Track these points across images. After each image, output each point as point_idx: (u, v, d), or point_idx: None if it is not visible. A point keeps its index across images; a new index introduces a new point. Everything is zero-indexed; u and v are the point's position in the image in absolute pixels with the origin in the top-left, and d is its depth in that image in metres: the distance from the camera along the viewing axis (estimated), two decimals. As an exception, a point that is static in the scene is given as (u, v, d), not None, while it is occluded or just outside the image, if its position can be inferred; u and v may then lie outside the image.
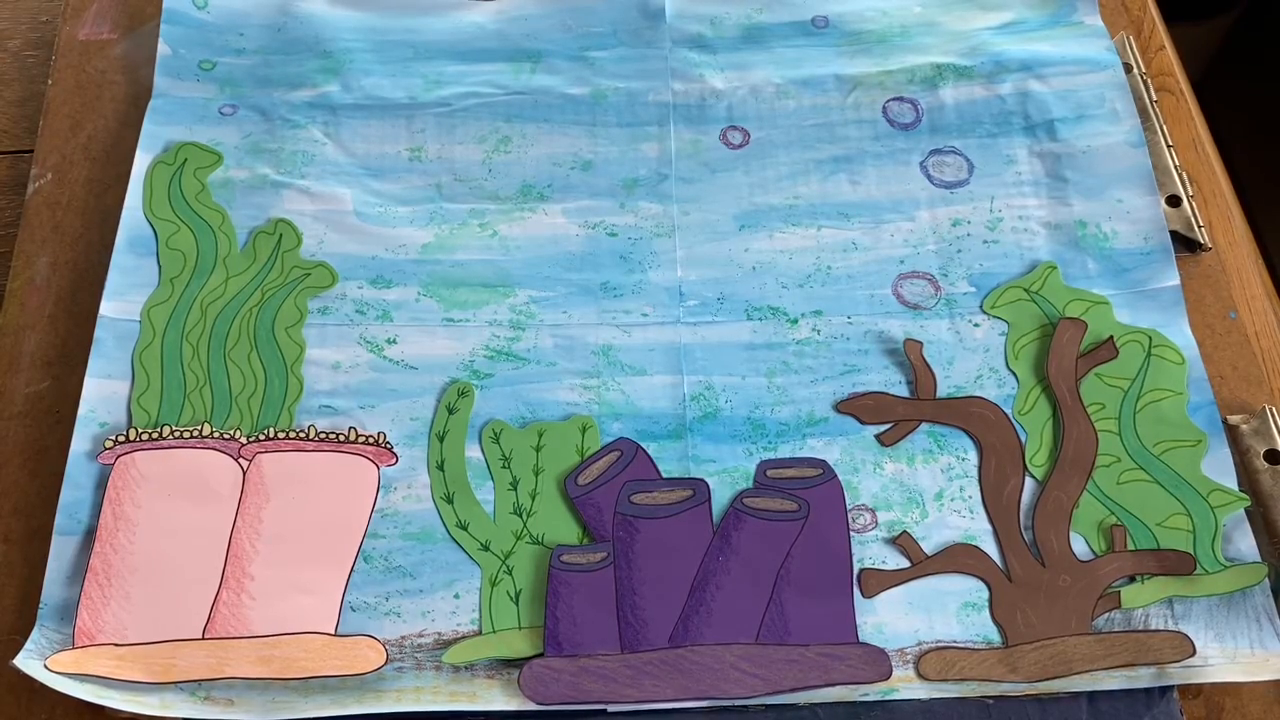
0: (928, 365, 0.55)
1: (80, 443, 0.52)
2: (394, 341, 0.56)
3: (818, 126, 0.62)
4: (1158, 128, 0.62)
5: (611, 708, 0.47)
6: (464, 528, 0.51)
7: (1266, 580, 0.50)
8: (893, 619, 0.50)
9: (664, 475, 0.53)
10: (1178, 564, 0.50)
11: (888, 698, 0.48)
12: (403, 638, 0.49)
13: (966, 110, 0.62)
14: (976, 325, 0.57)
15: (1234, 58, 1.07)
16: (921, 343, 0.56)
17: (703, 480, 0.52)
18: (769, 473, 0.52)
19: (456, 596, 0.50)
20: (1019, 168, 0.61)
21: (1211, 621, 0.49)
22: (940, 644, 0.49)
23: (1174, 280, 0.57)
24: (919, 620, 0.50)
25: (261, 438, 0.52)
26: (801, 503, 0.51)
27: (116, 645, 0.47)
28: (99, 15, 0.65)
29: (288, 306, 0.56)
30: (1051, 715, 0.48)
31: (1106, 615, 0.50)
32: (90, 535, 0.49)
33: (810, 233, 0.59)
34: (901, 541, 0.51)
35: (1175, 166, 0.60)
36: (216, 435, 0.52)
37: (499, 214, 0.59)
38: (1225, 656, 0.49)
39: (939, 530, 0.52)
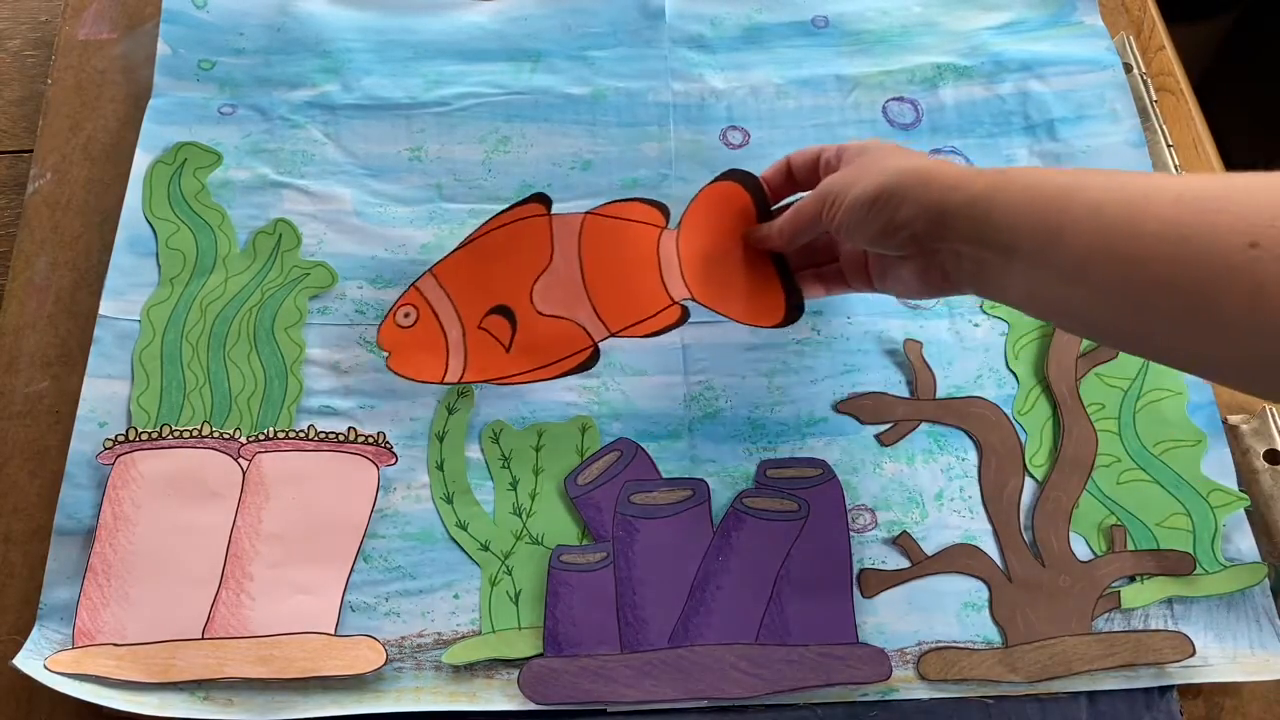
0: (927, 365, 0.55)
1: (80, 443, 0.52)
2: (394, 341, 0.56)
3: (818, 127, 0.62)
4: (1158, 128, 0.62)
5: (611, 708, 0.47)
6: (464, 528, 0.51)
7: (1266, 580, 0.50)
8: (893, 619, 0.50)
9: (664, 475, 0.53)
10: (1177, 564, 0.50)
11: (887, 698, 0.48)
12: (402, 638, 0.49)
13: (966, 110, 0.62)
14: (976, 325, 0.57)
15: (1234, 58, 1.07)
16: (921, 343, 0.56)
17: (703, 480, 0.52)
18: (769, 473, 0.52)
19: (456, 596, 0.50)
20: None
21: (1211, 621, 0.49)
22: (940, 644, 0.49)
23: (1174, 280, 0.57)
24: (919, 620, 0.50)
25: (261, 437, 0.52)
26: (801, 503, 0.51)
27: (116, 645, 0.47)
28: (99, 15, 0.65)
29: (288, 306, 0.56)
30: (1051, 715, 0.48)
31: (1106, 615, 0.50)
32: (90, 535, 0.49)
33: (810, 233, 0.59)
34: (901, 541, 0.51)
35: (1175, 166, 0.60)
36: (216, 435, 0.52)
37: (499, 214, 0.59)
38: (1225, 656, 0.49)
39: (939, 530, 0.52)
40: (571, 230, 0.52)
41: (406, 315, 0.52)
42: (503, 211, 0.52)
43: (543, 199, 0.52)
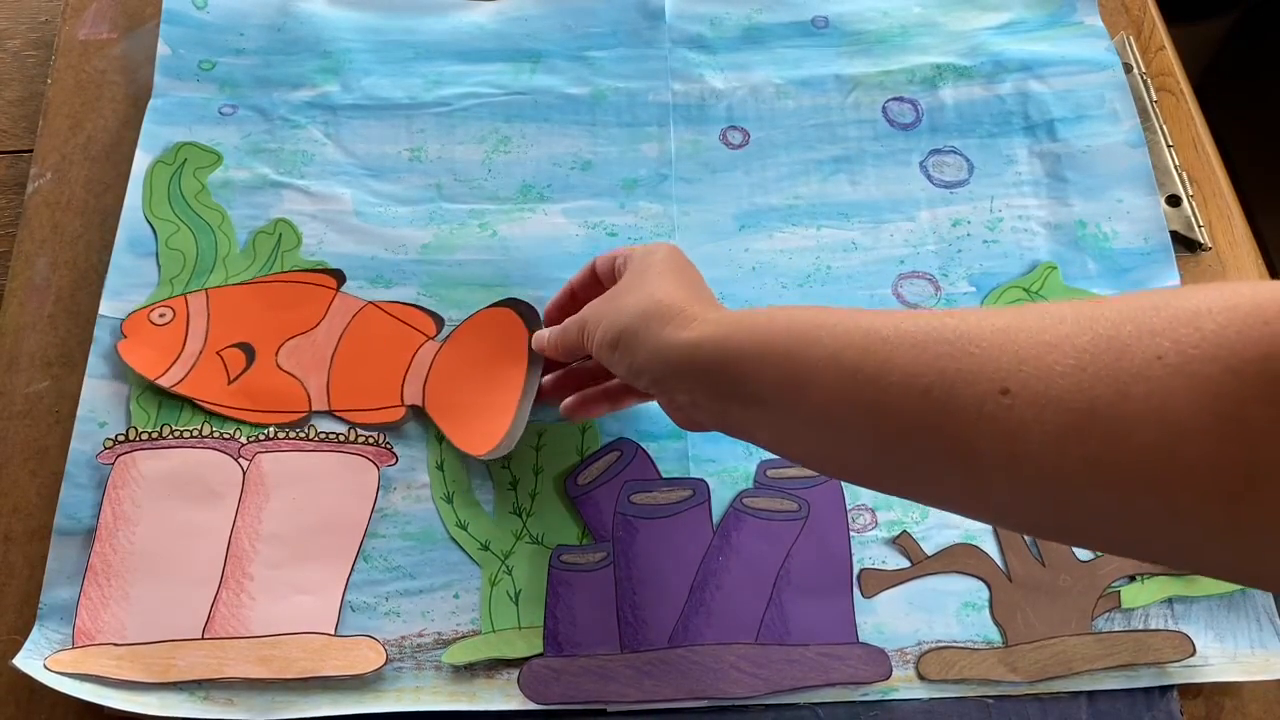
0: (927, 365, 0.55)
1: (80, 443, 0.51)
2: (393, 341, 0.56)
3: (818, 126, 0.62)
4: (1158, 128, 0.62)
5: (611, 708, 0.47)
6: (464, 528, 0.51)
7: (1266, 580, 0.50)
8: (893, 619, 0.50)
9: (664, 475, 0.53)
10: (1178, 564, 0.50)
11: (888, 697, 0.48)
12: (402, 638, 0.49)
13: (966, 110, 0.62)
14: (976, 325, 0.56)
15: (1234, 58, 1.07)
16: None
17: (703, 480, 0.52)
18: (769, 472, 0.52)
19: (456, 596, 0.50)
20: (1019, 168, 0.61)
21: (1212, 621, 0.49)
22: (940, 644, 0.49)
23: (1174, 280, 0.57)
24: (919, 620, 0.50)
25: (261, 437, 0.52)
26: (802, 502, 0.51)
27: (116, 645, 0.47)
28: (99, 15, 0.65)
29: (287, 306, 0.56)
30: (1051, 715, 0.48)
31: (1106, 615, 0.50)
32: (90, 535, 0.49)
33: (810, 233, 0.59)
34: (901, 541, 0.51)
35: (1175, 166, 0.60)
36: (216, 435, 0.52)
37: (499, 214, 0.59)
38: (1225, 656, 0.49)
39: (939, 530, 0.52)
40: (347, 311, 0.55)
41: (162, 315, 0.54)
42: (302, 270, 0.56)
43: (338, 275, 0.55)
